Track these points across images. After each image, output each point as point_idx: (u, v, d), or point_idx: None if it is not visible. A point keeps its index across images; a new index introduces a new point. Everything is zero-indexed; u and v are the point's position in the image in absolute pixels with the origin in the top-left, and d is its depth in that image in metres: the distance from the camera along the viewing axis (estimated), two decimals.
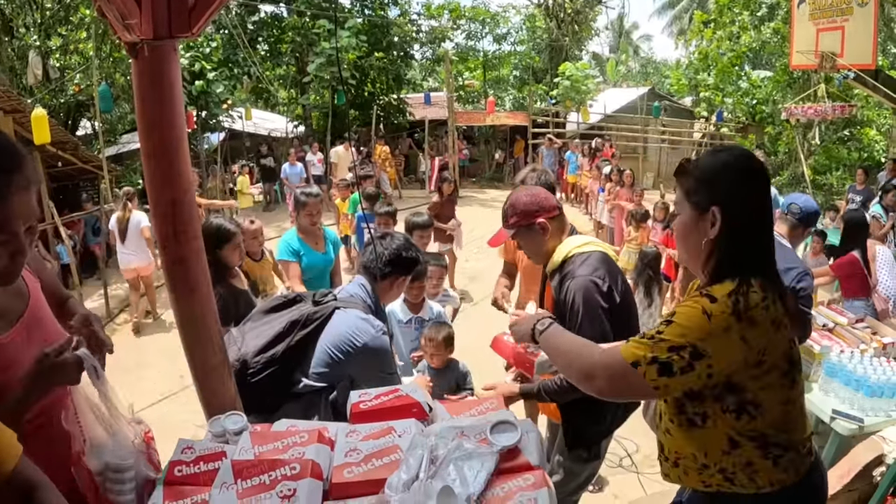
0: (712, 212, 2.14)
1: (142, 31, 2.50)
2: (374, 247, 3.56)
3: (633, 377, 2.08)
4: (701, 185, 2.19)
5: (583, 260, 3.26)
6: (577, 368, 2.31)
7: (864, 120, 21.55)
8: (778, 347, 2.10)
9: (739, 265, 2.13)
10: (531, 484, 1.93)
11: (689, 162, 2.29)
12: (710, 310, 2.03)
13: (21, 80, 16.80)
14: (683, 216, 2.27)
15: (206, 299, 2.85)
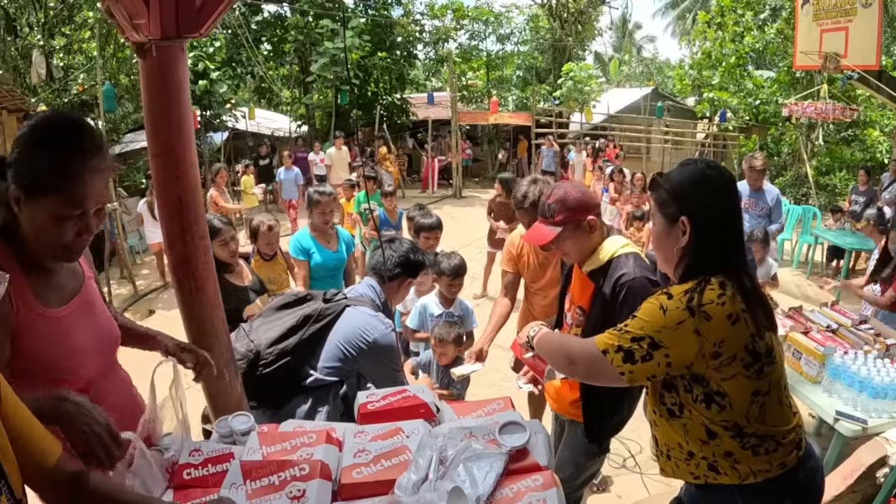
0: (681, 222, 2.36)
1: (150, 31, 2.51)
2: (383, 250, 3.62)
3: (604, 363, 2.34)
4: (671, 198, 2.41)
5: (634, 261, 3.25)
6: (562, 356, 2.62)
7: (868, 121, 21.51)
8: (736, 340, 2.23)
9: (704, 267, 2.33)
10: (540, 485, 1.93)
11: (660, 175, 2.54)
12: (665, 305, 2.26)
13: (25, 80, 16.80)
14: (657, 226, 2.51)
15: (213, 299, 2.86)
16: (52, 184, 1.92)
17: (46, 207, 1.94)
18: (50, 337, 2.08)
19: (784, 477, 2.33)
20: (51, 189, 1.92)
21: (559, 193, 3.34)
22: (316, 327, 3.27)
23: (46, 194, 1.93)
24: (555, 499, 1.89)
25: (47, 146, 1.93)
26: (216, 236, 4.97)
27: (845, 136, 21.38)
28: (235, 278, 5.13)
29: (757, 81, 24.14)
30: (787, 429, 2.37)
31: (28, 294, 2.05)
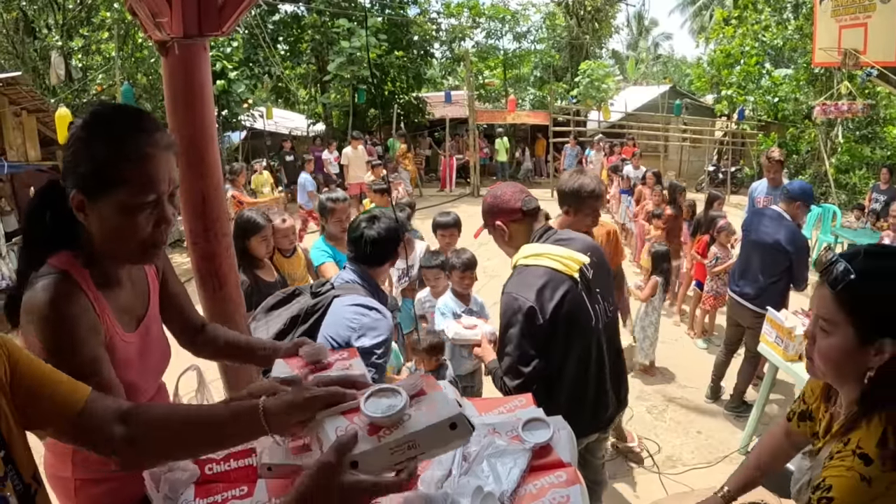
0: (882, 344, 1.78)
1: (172, 29, 2.53)
2: (359, 231, 3.49)
3: None
4: (873, 311, 1.80)
5: (519, 275, 3.22)
6: None
7: (888, 118, 21.36)
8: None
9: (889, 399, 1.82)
10: (564, 481, 1.93)
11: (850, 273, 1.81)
12: (868, 475, 1.74)
13: (44, 80, 16.96)
14: (840, 339, 1.86)
15: (234, 296, 2.88)
16: (116, 172, 1.77)
17: (115, 202, 1.79)
18: (127, 361, 2.01)
19: None
20: (115, 179, 1.77)
21: (486, 195, 3.49)
22: (304, 328, 3.18)
23: (111, 186, 1.78)
24: (578, 495, 1.88)
25: (101, 135, 1.79)
26: (257, 232, 4.99)
27: (865, 134, 21.23)
28: (266, 274, 5.12)
29: (775, 79, 24.03)
30: None
31: (109, 315, 1.95)
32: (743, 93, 24.41)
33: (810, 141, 21.42)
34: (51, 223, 1.88)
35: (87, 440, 1.57)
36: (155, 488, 1.90)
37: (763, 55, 24.52)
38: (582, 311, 3.22)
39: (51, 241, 1.88)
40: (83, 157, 1.78)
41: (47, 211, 1.89)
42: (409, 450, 1.40)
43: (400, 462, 1.41)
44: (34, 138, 11.25)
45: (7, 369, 1.42)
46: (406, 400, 1.45)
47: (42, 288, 1.78)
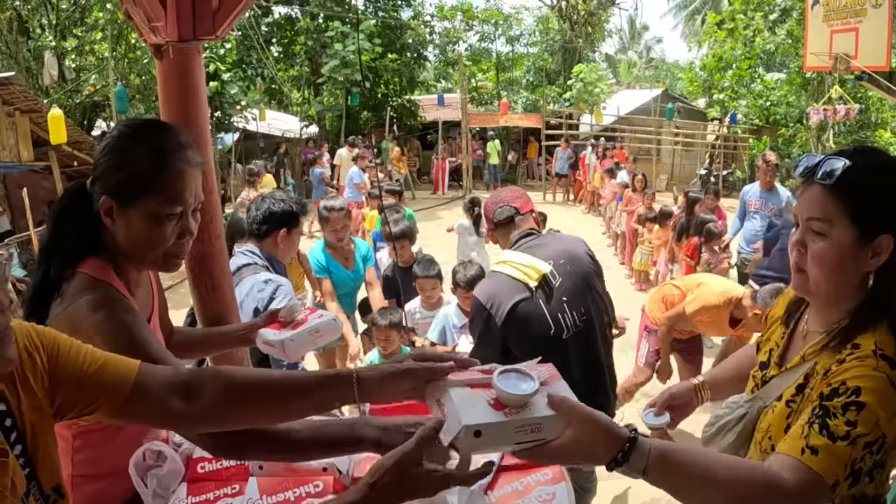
0: (881, 240, 1.69)
1: (167, 33, 2.55)
2: (249, 210, 3.73)
3: (826, 499, 1.59)
4: (872, 206, 1.70)
5: (486, 280, 3.42)
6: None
7: (879, 122, 21.47)
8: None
9: (891, 306, 1.73)
10: (550, 479, 1.95)
11: (848, 171, 1.70)
12: (893, 376, 1.61)
13: (37, 81, 16.93)
14: (838, 239, 1.72)
15: (228, 298, 2.89)
16: (150, 181, 1.84)
17: (145, 209, 1.86)
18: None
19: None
20: (148, 187, 1.84)
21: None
22: None
23: (143, 194, 1.85)
24: (563, 493, 1.90)
25: (141, 144, 1.87)
26: (244, 235, 5.03)
27: (856, 138, 21.33)
28: None
29: (767, 83, 24.11)
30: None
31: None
32: (735, 97, 24.48)
33: (802, 144, 21.49)
34: (78, 229, 1.92)
35: (144, 416, 1.60)
36: (143, 484, 1.93)
37: (755, 60, 24.60)
38: (537, 320, 3.20)
39: (76, 247, 1.91)
40: (120, 163, 1.86)
41: (76, 216, 1.93)
42: (531, 433, 1.41)
43: (519, 442, 1.42)
44: (27, 139, 11.25)
45: (45, 368, 1.41)
46: (538, 385, 1.44)
47: (92, 304, 1.81)
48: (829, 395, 1.64)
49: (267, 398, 1.60)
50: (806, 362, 1.86)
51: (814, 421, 1.61)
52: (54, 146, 11.00)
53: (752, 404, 2.02)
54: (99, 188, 1.88)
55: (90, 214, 1.90)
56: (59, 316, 1.82)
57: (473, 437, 1.36)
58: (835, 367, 1.70)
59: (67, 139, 10.77)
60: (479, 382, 1.50)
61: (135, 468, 1.91)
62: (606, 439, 1.44)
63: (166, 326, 2.43)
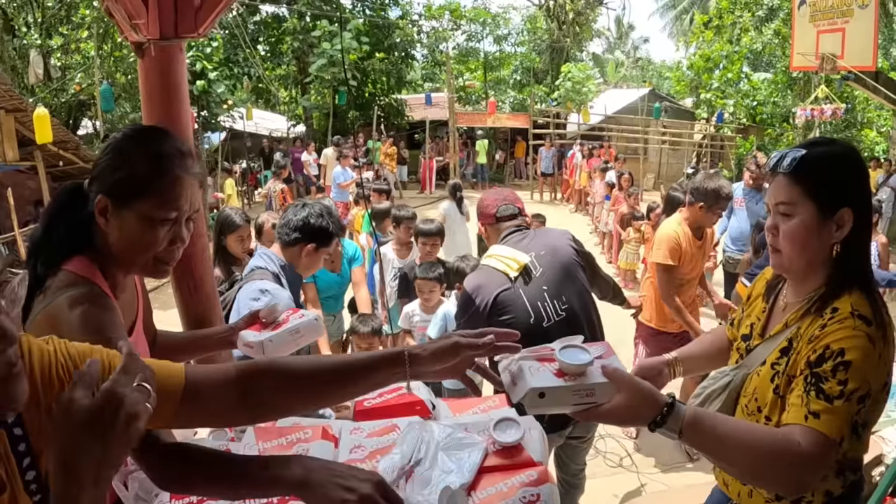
0: (842, 213, 1.91)
1: (149, 31, 2.53)
2: (287, 212, 3.57)
3: (835, 453, 1.77)
4: (828, 185, 1.93)
5: (475, 271, 3.52)
6: (781, 471, 1.77)
7: (864, 122, 21.61)
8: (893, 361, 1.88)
9: (861, 271, 1.97)
10: (534, 480, 1.95)
11: (806, 159, 1.95)
12: (871, 335, 1.81)
13: (22, 80, 16.83)
14: (804, 218, 1.95)
15: (211, 296, 2.88)
16: (146, 184, 1.87)
17: (140, 211, 1.88)
18: None
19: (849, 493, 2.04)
20: (144, 190, 1.87)
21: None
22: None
23: (139, 196, 1.87)
24: (549, 494, 1.90)
25: (141, 148, 1.91)
26: (233, 231, 5.08)
27: (842, 137, 21.46)
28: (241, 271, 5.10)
29: (754, 83, 24.24)
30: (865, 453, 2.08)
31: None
32: (722, 96, 24.59)
33: (788, 144, 21.60)
34: (70, 227, 1.92)
35: (202, 417, 1.65)
36: (123, 487, 1.91)
37: (742, 60, 24.72)
38: (518, 308, 3.37)
39: (65, 245, 1.91)
40: (119, 164, 1.88)
41: (69, 214, 1.94)
42: (585, 396, 1.74)
43: (575, 404, 1.75)
44: (12, 138, 11.16)
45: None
46: (593, 357, 1.76)
47: (71, 300, 1.81)
48: (817, 361, 1.84)
49: (321, 384, 1.65)
50: (788, 328, 2.06)
51: (809, 389, 1.81)
52: (40, 146, 10.93)
53: (736, 372, 2.22)
54: (96, 187, 1.89)
55: (83, 214, 1.91)
56: (39, 313, 1.81)
57: (538, 398, 1.71)
58: (818, 332, 1.89)
59: (53, 139, 10.69)
60: (545, 357, 1.81)
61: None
62: (649, 404, 1.76)
63: (150, 331, 2.41)
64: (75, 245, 1.92)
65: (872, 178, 14.57)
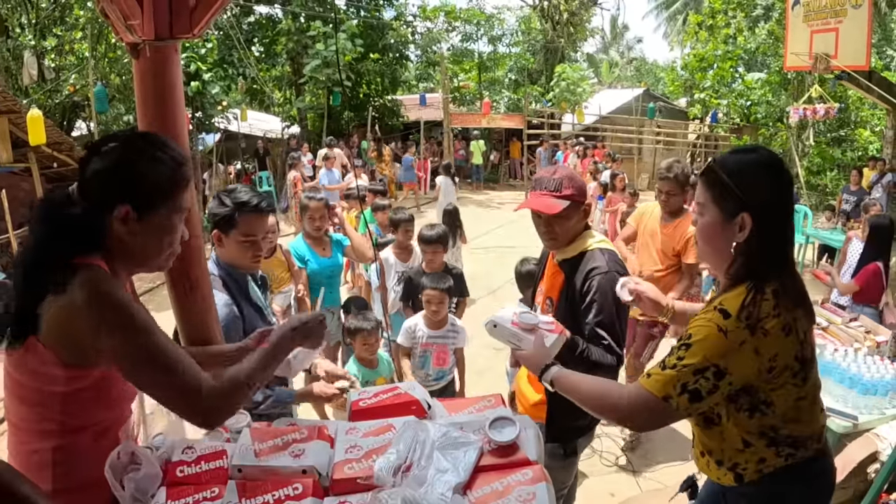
0: (742, 218, 2.15)
1: (144, 31, 2.53)
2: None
3: (668, 411, 2.13)
4: (729, 190, 2.17)
5: (608, 256, 3.23)
6: (610, 414, 2.32)
7: (858, 121, 21.66)
8: (788, 351, 2.13)
9: (758, 270, 2.16)
10: (529, 479, 1.96)
11: (715, 162, 2.28)
12: (724, 326, 2.07)
13: (16, 81, 16.77)
14: (710, 219, 2.26)
15: (207, 298, 2.87)
16: (168, 191, 2.01)
17: (161, 216, 2.02)
18: None
19: (798, 465, 2.28)
20: (167, 197, 2.01)
21: (567, 172, 3.36)
22: None
23: (162, 203, 2.01)
24: (544, 493, 1.91)
25: (158, 158, 2.01)
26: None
27: (836, 136, 21.52)
28: None
29: (748, 83, 24.28)
30: (818, 427, 2.34)
31: None
32: (716, 96, 24.63)
33: (782, 143, 21.64)
34: (74, 231, 1.93)
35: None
36: (120, 487, 1.91)
37: (736, 60, 24.76)
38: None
39: (72, 246, 1.93)
40: (140, 174, 1.97)
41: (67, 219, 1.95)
42: (516, 341, 2.70)
43: (510, 342, 2.74)
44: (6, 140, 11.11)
45: None
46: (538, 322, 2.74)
47: (91, 278, 1.86)
48: (675, 344, 2.21)
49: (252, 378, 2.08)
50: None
51: (658, 365, 2.21)
52: (33, 147, 10.89)
53: None
54: (111, 198, 1.94)
55: (83, 219, 1.94)
56: (58, 303, 1.83)
57: (493, 327, 2.74)
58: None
59: (47, 140, 10.64)
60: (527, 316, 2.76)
61: (111, 469, 1.90)
62: (540, 362, 2.58)
63: None
64: (81, 247, 1.93)
65: (866, 177, 14.61)
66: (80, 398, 1.96)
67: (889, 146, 15.42)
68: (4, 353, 1.93)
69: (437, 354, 4.95)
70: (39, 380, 1.90)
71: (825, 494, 2.42)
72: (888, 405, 4.33)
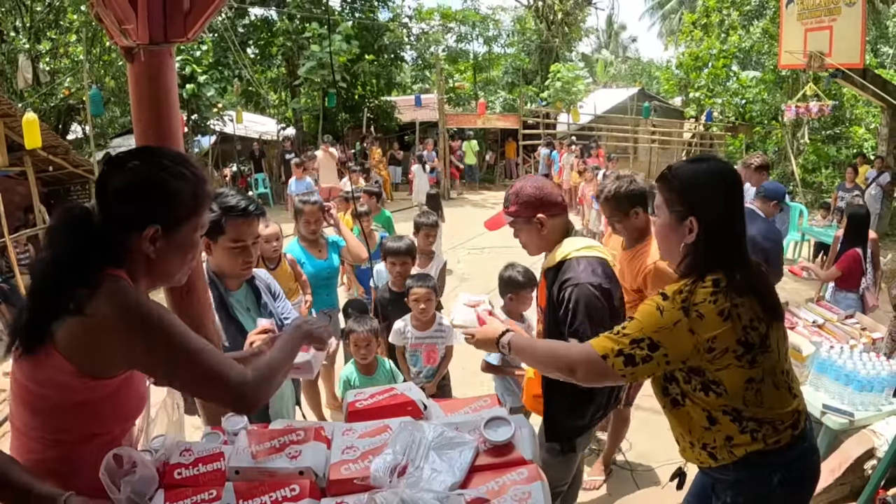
0: (690, 221, 2.42)
1: (138, 35, 2.53)
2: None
3: (605, 367, 2.42)
4: (680, 196, 2.46)
5: (584, 265, 3.21)
6: (558, 366, 2.62)
7: (853, 119, 21.70)
8: (728, 335, 2.33)
9: (703, 265, 2.41)
10: (525, 478, 1.96)
11: (669, 170, 2.55)
12: (662, 306, 2.37)
13: (11, 84, 16.77)
14: (662, 220, 2.55)
15: (203, 300, 2.88)
16: (193, 208, 2.06)
17: (186, 233, 2.07)
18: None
19: (774, 451, 2.44)
20: (192, 213, 2.06)
21: (517, 186, 3.42)
22: None
23: (188, 221, 2.06)
24: (539, 492, 1.91)
25: (185, 176, 2.04)
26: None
27: (831, 134, 21.55)
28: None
29: (742, 81, 24.31)
30: (786, 411, 2.47)
31: None
32: (711, 95, 24.66)
33: (777, 141, 21.67)
34: (97, 246, 1.95)
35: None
36: (116, 489, 1.91)
37: (731, 58, 24.79)
38: (622, 300, 3.49)
39: (97, 260, 1.94)
40: (170, 194, 2.01)
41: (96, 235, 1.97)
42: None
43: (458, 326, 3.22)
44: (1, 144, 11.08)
45: None
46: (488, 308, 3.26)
47: (119, 290, 1.89)
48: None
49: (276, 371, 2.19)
50: None
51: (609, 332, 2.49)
52: (29, 151, 10.87)
53: None
54: (140, 216, 1.96)
55: (104, 236, 1.96)
56: (81, 313, 1.84)
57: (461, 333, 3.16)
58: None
59: (42, 143, 10.63)
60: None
61: (106, 472, 1.90)
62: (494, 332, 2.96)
63: None
64: (108, 262, 1.95)
65: (861, 175, 14.65)
66: (92, 408, 1.97)
67: (884, 143, 15.48)
68: (17, 361, 1.94)
69: (427, 353, 4.98)
70: (52, 389, 1.90)
71: (808, 480, 2.59)
72: (884, 402, 4.34)
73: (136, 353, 1.89)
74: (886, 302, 7.00)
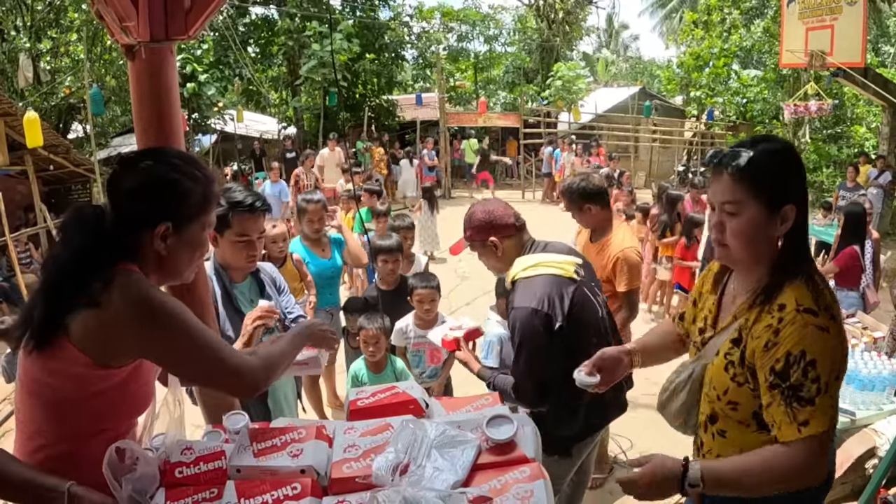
0: (786, 209, 2.06)
1: (139, 33, 2.53)
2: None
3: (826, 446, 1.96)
4: (772, 184, 2.06)
5: (524, 287, 3.21)
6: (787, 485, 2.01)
7: (855, 117, 21.68)
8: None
9: (803, 260, 2.11)
10: (527, 476, 1.96)
11: (735, 160, 2.08)
12: (822, 325, 1.95)
13: (12, 83, 16.76)
14: (749, 216, 2.08)
15: (203, 299, 2.87)
16: (203, 205, 2.12)
17: (195, 230, 2.13)
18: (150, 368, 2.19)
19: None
20: (202, 211, 2.12)
21: (469, 211, 3.47)
22: None
23: (197, 218, 2.12)
24: (542, 490, 1.91)
25: (195, 176, 2.10)
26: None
27: (832, 133, 21.53)
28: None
29: (744, 80, 24.29)
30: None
31: None
32: (712, 94, 24.65)
33: None
34: (109, 244, 2.00)
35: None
36: (118, 487, 1.91)
37: (732, 57, 24.78)
38: (590, 305, 3.36)
39: (112, 256, 1.99)
40: (182, 193, 2.07)
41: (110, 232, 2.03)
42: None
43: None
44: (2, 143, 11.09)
45: None
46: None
47: (132, 282, 1.95)
48: (783, 370, 1.97)
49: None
50: (737, 320, 2.20)
51: (790, 402, 1.96)
52: (30, 150, 10.89)
53: (695, 364, 2.36)
54: (153, 215, 2.02)
55: (117, 233, 2.02)
56: (96, 306, 1.88)
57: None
58: (773, 339, 2.01)
59: (43, 142, 10.63)
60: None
61: (108, 467, 1.90)
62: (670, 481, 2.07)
63: None
64: (122, 258, 2.00)
65: (862, 174, 14.64)
66: (103, 400, 2.00)
67: (885, 142, 15.46)
68: (27, 355, 1.97)
69: (431, 353, 4.97)
70: (64, 381, 1.94)
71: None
72: (886, 401, 4.34)
73: (149, 343, 1.95)
74: (887, 301, 7.01)
